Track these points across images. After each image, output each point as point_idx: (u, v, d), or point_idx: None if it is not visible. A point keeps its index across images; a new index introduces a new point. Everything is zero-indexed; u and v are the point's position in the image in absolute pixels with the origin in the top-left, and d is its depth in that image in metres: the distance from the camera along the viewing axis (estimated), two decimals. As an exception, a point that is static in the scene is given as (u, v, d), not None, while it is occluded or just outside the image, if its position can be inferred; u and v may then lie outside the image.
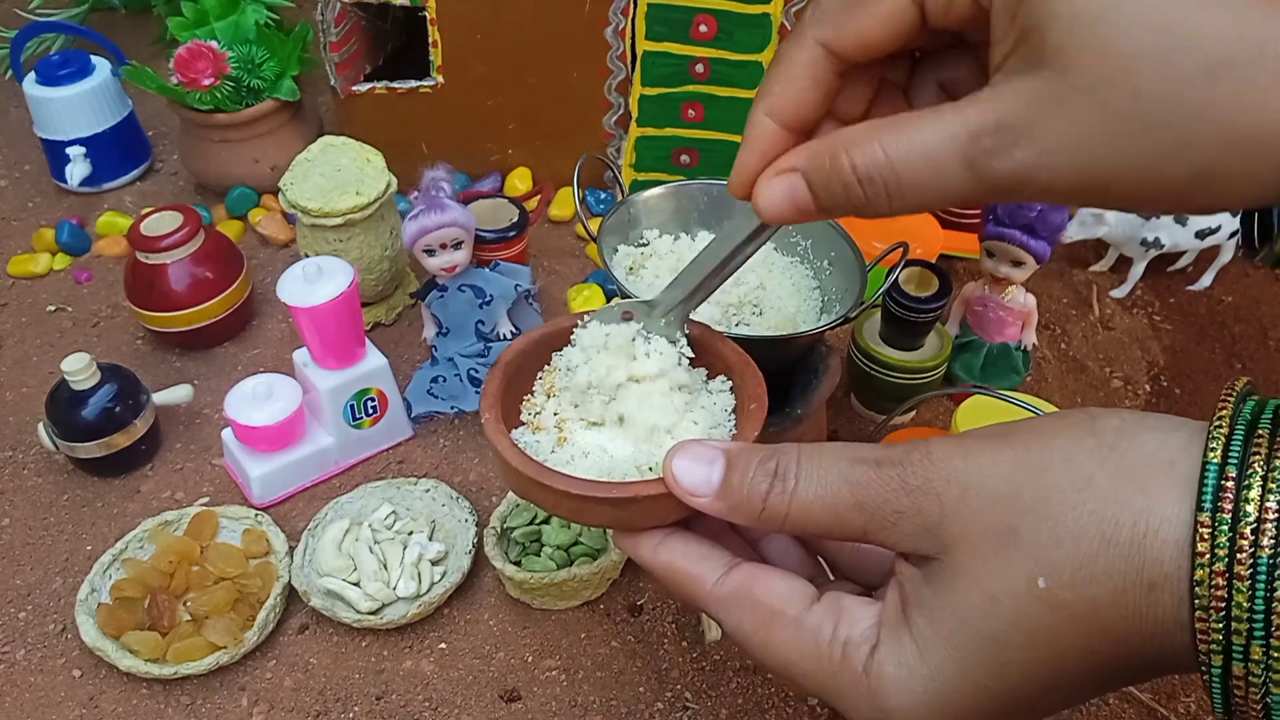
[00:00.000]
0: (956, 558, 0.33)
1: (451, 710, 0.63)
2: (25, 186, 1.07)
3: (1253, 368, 0.85)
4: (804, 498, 0.36)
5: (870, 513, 0.34)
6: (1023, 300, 0.78)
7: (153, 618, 0.66)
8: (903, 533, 0.34)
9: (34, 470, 0.78)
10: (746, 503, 0.37)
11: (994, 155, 0.31)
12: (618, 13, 0.89)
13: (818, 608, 0.37)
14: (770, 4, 0.85)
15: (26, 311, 0.92)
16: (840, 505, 0.35)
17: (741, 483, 0.37)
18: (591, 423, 0.45)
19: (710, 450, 0.38)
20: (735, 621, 0.38)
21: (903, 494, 0.34)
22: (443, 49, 0.93)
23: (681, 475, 0.38)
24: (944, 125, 0.32)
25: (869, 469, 0.35)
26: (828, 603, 0.37)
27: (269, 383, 0.74)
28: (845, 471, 0.35)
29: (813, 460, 0.36)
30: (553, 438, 0.45)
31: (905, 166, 0.32)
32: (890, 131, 0.33)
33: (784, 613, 0.37)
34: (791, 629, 0.36)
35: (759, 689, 0.64)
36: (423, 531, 0.71)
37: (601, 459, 0.43)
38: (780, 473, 0.36)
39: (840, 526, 0.35)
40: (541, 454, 0.44)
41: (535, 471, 0.41)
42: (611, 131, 0.97)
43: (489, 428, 0.44)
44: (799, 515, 0.36)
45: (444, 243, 0.75)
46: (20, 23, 1.15)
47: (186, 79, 0.95)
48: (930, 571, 0.34)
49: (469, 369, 0.78)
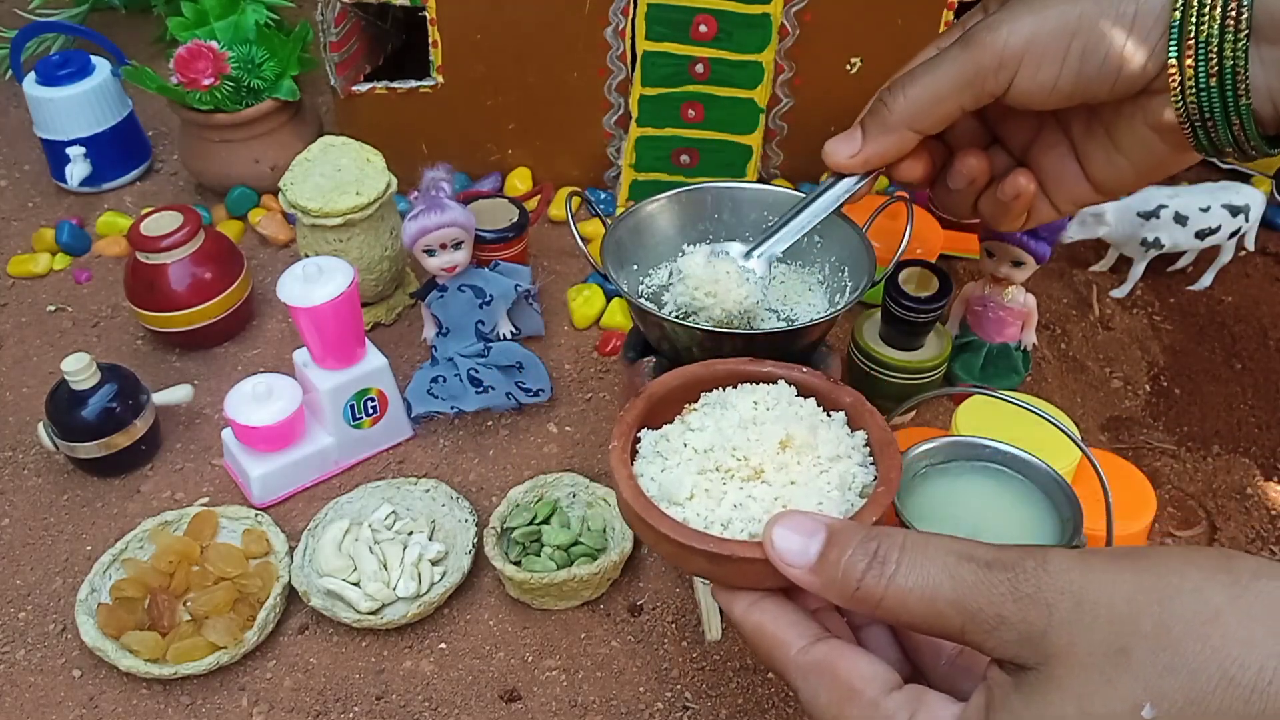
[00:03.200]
0: (1056, 670, 0.32)
1: (451, 710, 0.63)
2: (25, 186, 1.07)
3: (1253, 368, 0.85)
4: (902, 585, 0.35)
5: (971, 614, 0.34)
6: (1023, 300, 0.78)
7: (153, 618, 0.66)
8: (1002, 639, 0.33)
9: (34, 470, 0.78)
10: (841, 581, 0.36)
11: None
12: (618, 13, 0.89)
13: (898, 694, 0.36)
14: (770, 4, 0.85)
15: (26, 311, 0.92)
16: (940, 601, 0.34)
17: (838, 560, 0.37)
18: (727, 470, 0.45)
19: (813, 523, 0.38)
20: (812, 692, 0.38)
21: (1010, 600, 0.33)
22: (443, 49, 0.93)
23: (780, 544, 0.38)
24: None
25: (977, 569, 0.34)
26: (909, 693, 0.36)
27: (269, 383, 0.74)
28: (951, 567, 0.35)
29: (917, 549, 0.36)
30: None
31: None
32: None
33: (863, 693, 0.36)
34: (867, 710, 0.36)
35: (759, 689, 0.64)
36: (423, 531, 0.71)
37: (742, 502, 0.43)
38: (881, 556, 0.36)
39: (937, 622, 0.35)
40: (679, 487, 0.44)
41: (643, 509, 0.42)
42: (611, 131, 0.97)
43: (613, 456, 0.45)
44: (894, 602, 0.35)
45: (444, 243, 0.75)
46: (20, 23, 1.15)
47: (186, 79, 0.95)
48: (1023, 680, 0.33)
49: (469, 369, 0.78)
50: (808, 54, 0.91)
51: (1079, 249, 0.95)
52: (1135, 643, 0.31)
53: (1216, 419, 0.81)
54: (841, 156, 0.52)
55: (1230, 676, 0.30)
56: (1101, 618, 0.32)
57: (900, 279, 0.75)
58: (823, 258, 0.68)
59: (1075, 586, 0.33)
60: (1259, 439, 0.79)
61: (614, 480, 0.44)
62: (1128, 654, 0.31)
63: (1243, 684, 0.30)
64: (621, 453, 0.45)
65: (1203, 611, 0.31)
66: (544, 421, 0.81)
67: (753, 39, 0.87)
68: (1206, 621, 0.31)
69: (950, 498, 0.59)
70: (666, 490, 0.44)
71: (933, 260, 0.81)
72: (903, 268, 0.75)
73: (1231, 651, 0.30)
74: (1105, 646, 0.32)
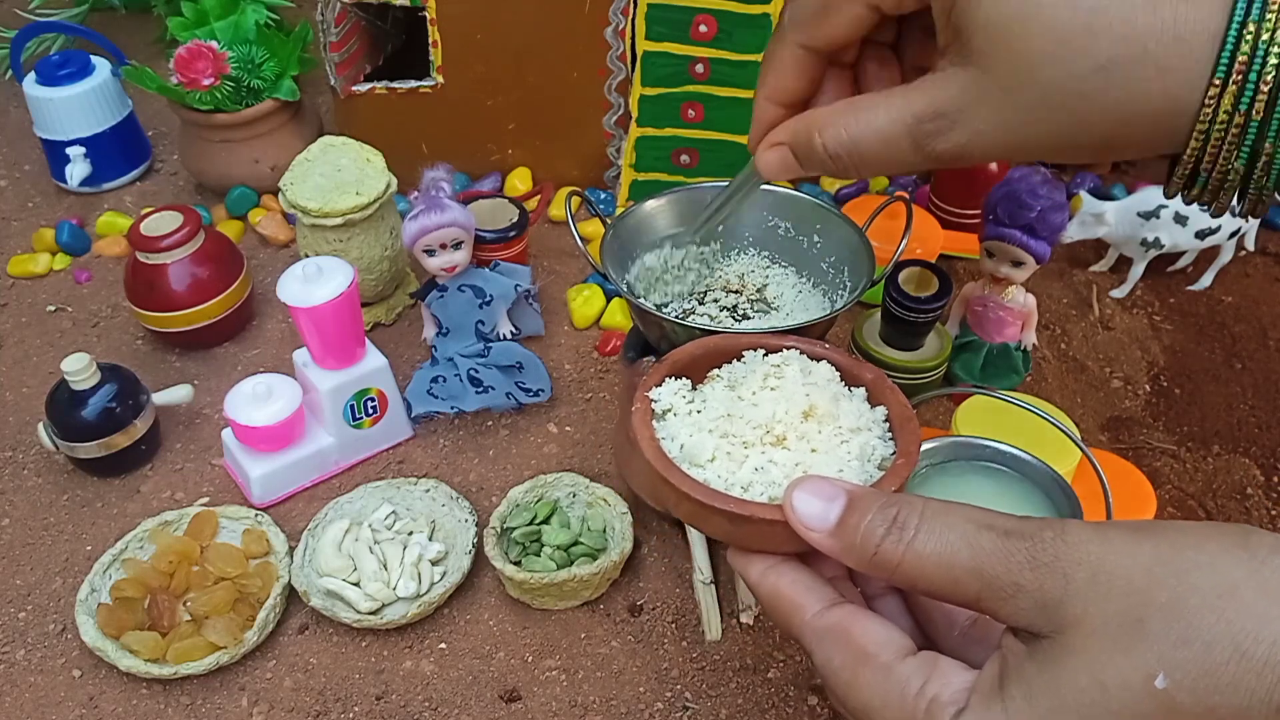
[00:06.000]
0: (1071, 639, 0.32)
1: (451, 710, 0.63)
2: (25, 186, 1.07)
3: (1253, 368, 0.85)
4: (920, 550, 0.35)
5: (988, 581, 0.34)
6: (1023, 300, 0.78)
7: (153, 618, 0.66)
8: (1018, 606, 0.34)
9: (34, 470, 0.78)
10: (860, 545, 0.37)
11: (934, 137, 0.38)
12: (618, 13, 0.89)
13: (911, 660, 0.36)
14: (770, 4, 0.85)
15: (26, 311, 0.92)
16: (957, 567, 0.35)
17: (858, 524, 0.37)
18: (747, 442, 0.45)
19: (833, 488, 0.38)
20: (825, 656, 0.38)
21: (1028, 568, 0.33)
22: (443, 49, 0.93)
23: (800, 507, 0.38)
24: (894, 110, 0.39)
25: (996, 537, 0.34)
26: (923, 659, 0.36)
27: (269, 383, 0.74)
28: (970, 535, 0.35)
29: (937, 516, 0.36)
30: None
31: (865, 144, 0.40)
32: (850, 115, 0.41)
33: (876, 656, 0.37)
34: (880, 674, 0.36)
35: (759, 689, 0.64)
36: (423, 531, 0.71)
37: (764, 466, 0.43)
38: (900, 521, 0.36)
39: (953, 588, 0.35)
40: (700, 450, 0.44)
41: (665, 468, 0.42)
42: (611, 131, 0.97)
43: (636, 418, 0.45)
44: (911, 567, 0.35)
45: (444, 243, 0.75)
46: (20, 23, 1.15)
47: (186, 79, 0.95)
48: (1037, 648, 0.33)
49: (469, 369, 0.78)
50: (808, 54, 0.91)
51: (1079, 249, 0.95)
52: (1150, 614, 0.31)
53: (1216, 419, 0.81)
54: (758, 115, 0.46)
55: (1244, 650, 0.30)
56: (1118, 588, 0.32)
57: (900, 279, 0.74)
58: (822, 257, 0.68)
59: (1093, 557, 0.33)
60: (1259, 439, 0.79)
61: (636, 440, 0.44)
62: (1143, 625, 0.31)
63: (1256, 657, 0.30)
64: (644, 414, 0.46)
65: (1219, 585, 0.31)
66: (544, 421, 0.81)
67: (753, 39, 0.87)
68: (1222, 595, 0.31)
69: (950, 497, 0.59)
70: (688, 452, 0.44)
71: (933, 260, 0.81)
72: (903, 268, 0.75)
73: (1246, 625, 0.30)
74: (1121, 617, 0.32)
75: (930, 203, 0.95)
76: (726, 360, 0.50)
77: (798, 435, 0.44)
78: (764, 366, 0.48)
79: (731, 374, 0.49)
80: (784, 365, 0.48)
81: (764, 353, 0.50)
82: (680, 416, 0.47)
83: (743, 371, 0.49)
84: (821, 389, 0.47)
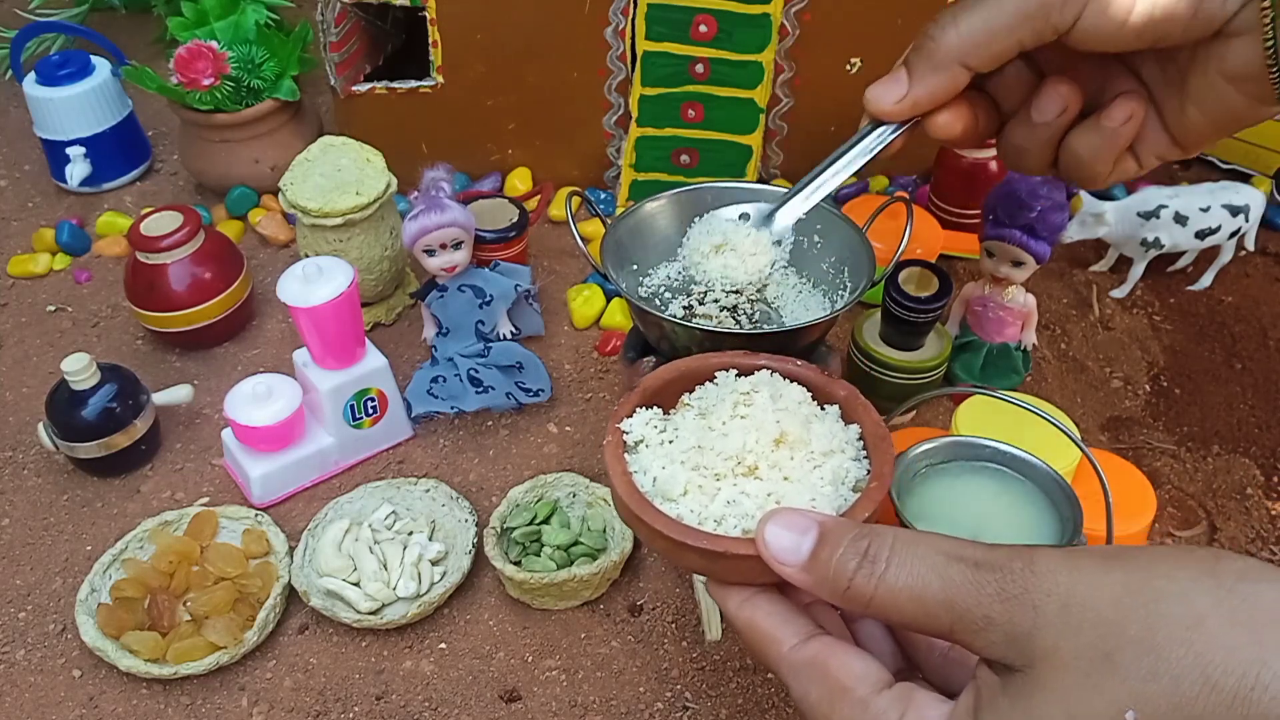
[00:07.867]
0: (1041, 673, 0.32)
1: (451, 710, 0.63)
2: (25, 186, 1.07)
3: (1253, 368, 0.85)
4: (891, 584, 0.35)
5: (959, 614, 0.34)
6: (1023, 300, 0.78)
7: (153, 618, 0.66)
8: (990, 639, 0.34)
9: (34, 470, 0.78)
10: (832, 579, 0.37)
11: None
12: (618, 13, 0.89)
13: (887, 693, 0.36)
14: (770, 4, 0.85)
15: (26, 311, 0.92)
16: (929, 600, 0.35)
17: (830, 558, 0.37)
18: (718, 474, 0.45)
19: (806, 521, 0.38)
20: (803, 690, 0.38)
21: (997, 601, 0.33)
22: (443, 49, 0.93)
23: (772, 541, 0.38)
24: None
25: (966, 569, 0.34)
26: (899, 691, 0.36)
27: (269, 383, 0.74)
28: (940, 566, 0.35)
29: (907, 548, 0.36)
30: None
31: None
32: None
33: (853, 691, 0.37)
34: (858, 708, 0.36)
35: (759, 689, 0.64)
36: (423, 531, 0.71)
37: (736, 499, 0.43)
38: (871, 555, 0.36)
39: (927, 621, 0.35)
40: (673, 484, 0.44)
41: (638, 505, 0.42)
42: (611, 131, 0.97)
43: (608, 452, 0.45)
44: (884, 601, 0.36)
45: (444, 243, 0.75)
46: (20, 23, 1.15)
47: (186, 79, 0.95)
48: (1010, 681, 0.33)
49: (469, 369, 0.78)
50: (808, 54, 0.91)
51: (1079, 249, 0.95)
52: (1120, 646, 0.31)
53: (1216, 419, 0.81)
54: (887, 102, 0.47)
55: (1213, 682, 0.30)
56: (1088, 621, 0.32)
57: (900, 279, 0.75)
58: (823, 258, 0.68)
59: (1062, 589, 0.33)
60: (1259, 439, 0.79)
61: (609, 476, 0.44)
62: (1113, 658, 0.31)
63: (1225, 690, 0.30)
64: (615, 448, 0.45)
65: (1187, 616, 0.31)
66: (544, 421, 0.81)
67: (753, 39, 0.87)
68: (1190, 626, 0.31)
69: (950, 498, 0.59)
70: (661, 486, 0.44)
71: (933, 260, 0.81)
72: (903, 268, 0.75)
73: (1214, 658, 0.30)
74: (1091, 650, 0.32)
75: (930, 203, 0.95)
76: (699, 382, 0.50)
77: (769, 464, 0.44)
78: (733, 395, 0.47)
79: (703, 401, 0.49)
80: (753, 392, 0.47)
81: (736, 374, 0.49)
82: (652, 448, 0.46)
83: (714, 397, 0.48)
84: (792, 414, 0.46)
